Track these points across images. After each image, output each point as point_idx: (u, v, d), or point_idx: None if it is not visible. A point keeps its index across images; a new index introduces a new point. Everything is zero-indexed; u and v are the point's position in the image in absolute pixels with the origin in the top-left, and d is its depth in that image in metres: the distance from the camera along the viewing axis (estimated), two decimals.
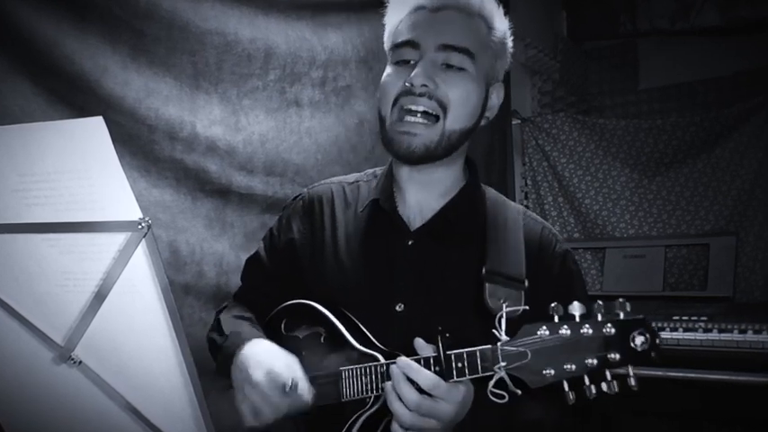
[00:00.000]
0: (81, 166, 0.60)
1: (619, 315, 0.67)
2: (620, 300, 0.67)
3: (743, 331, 1.66)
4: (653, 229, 2.34)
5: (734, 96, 2.40)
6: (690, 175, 2.30)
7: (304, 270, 0.96)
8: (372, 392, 0.81)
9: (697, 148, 2.30)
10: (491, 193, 0.98)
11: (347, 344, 0.85)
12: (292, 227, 0.99)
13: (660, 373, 1.66)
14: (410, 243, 0.91)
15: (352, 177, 1.03)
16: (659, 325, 1.76)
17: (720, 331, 1.68)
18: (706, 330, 1.69)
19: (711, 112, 2.31)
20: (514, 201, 2.69)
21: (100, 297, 0.64)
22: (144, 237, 0.60)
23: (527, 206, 2.54)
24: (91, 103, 1.27)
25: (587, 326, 0.67)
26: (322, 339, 0.89)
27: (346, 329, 0.86)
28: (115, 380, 0.69)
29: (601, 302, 0.69)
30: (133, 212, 0.60)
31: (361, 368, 0.82)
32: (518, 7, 2.45)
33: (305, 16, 1.63)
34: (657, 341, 0.65)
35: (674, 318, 1.76)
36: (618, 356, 0.66)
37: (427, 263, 0.90)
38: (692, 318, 1.75)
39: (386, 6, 0.94)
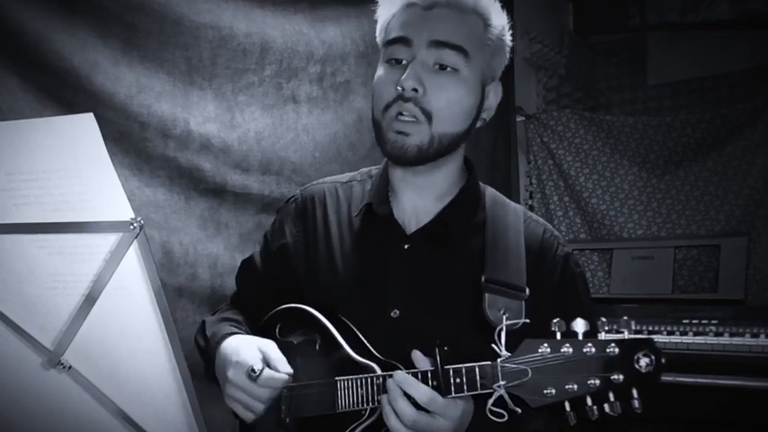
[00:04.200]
0: (71, 165, 0.59)
1: (623, 333, 0.66)
2: (625, 318, 0.66)
3: (755, 335, 1.65)
4: (662, 229, 2.31)
5: (745, 92, 2.38)
6: (700, 174, 2.27)
7: (297, 273, 0.94)
8: (368, 404, 0.79)
9: (707, 146, 2.27)
10: (490, 193, 0.96)
11: (343, 352, 0.83)
12: (285, 230, 0.98)
13: (670, 378, 1.64)
14: (406, 247, 0.89)
15: (345, 177, 1.01)
16: (668, 329, 1.73)
17: (732, 335, 1.67)
18: (717, 334, 1.69)
19: (722, 108, 2.28)
20: (519, 200, 2.65)
21: (90, 300, 0.63)
22: (136, 237, 0.59)
23: (531, 206, 2.51)
24: (81, 100, 1.25)
25: (590, 345, 0.66)
26: (317, 346, 0.87)
27: (342, 337, 0.85)
28: (106, 385, 0.68)
29: (604, 320, 0.68)
30: (125, 212, 0.59)
31: (357, 379, 0.81)
32: (523, 0, 2.40)
33: (302, 9, 1.61)
34: (663, 361, 0.65)
35: (684, 321, 1.76)
36: (621, 378, 0.65)
37: (423, 268, 0.88)
38: (703, 321, 1.74)
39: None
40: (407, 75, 0.82)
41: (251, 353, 0.81)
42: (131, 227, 0.59)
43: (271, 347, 0.83)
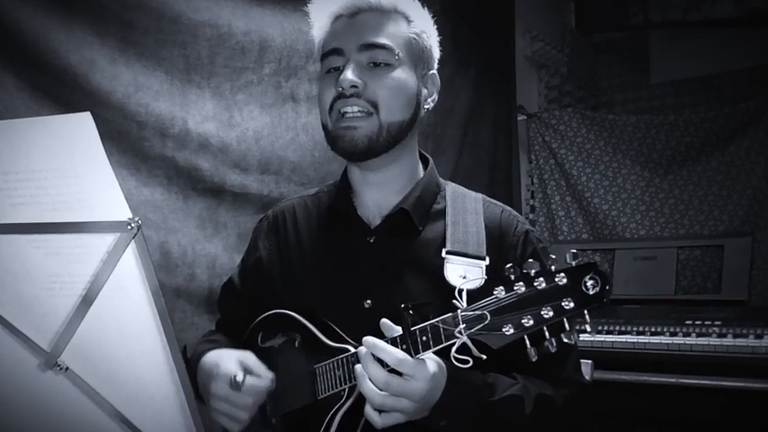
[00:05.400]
0: (68, 164, 0.59)
1: (571, 265, 0.69)
2: (573, 251, 0.70)
3: (759, 336, 1.65)
4: (665, 229, 2.30)
5: (749, 91, 2.37)
6: (703, 174, 2.26)
7: (275, 284, 0.99)
8: (346, 384, 0.82)
9: (711, 145, 2.26)
10: (451, 186, 1.01)
11: (320, 343, 0.87)
12: (258, 246, 1.03)
13: (673, 379, 1.63)
14: (371, 240, 0.94)
15: (313, 191, 1.07)
16: (671, 330, 1.72)
17: (735, 336, 1.66)
18: (720, 335, 1.68)
19: (726, 107, 2.28)
20: (520, 200, 2.64)
21: (88, 300, 0.63)
22: (133, 238, 0.59)
23: (533, 206, 2.50)
24: (78, 98, 1.25)
25: (541, 279, 0.69)
26: (297, 344, 0.90)
27: (319, 331, 0.88)
28: (103, 387, 0.68)
29: (554, 256, 0.71)
30: (122, 212, 0.59)
31: (333, 362, 0.83)
32: None
33: (301, 7, 1.58)
34: (608, 287, 0.67)
35: (687, 322, 1.75)
36: (572, 303, 0.67)
37: (389, 257, 0.93)
38: (706, 322, 1.73)
39: None
40: (345, 74, 0.88)
41: (230, 364, 0.84)
42: (129, 227, 0.58)
43: (248, 356, 0.86)
